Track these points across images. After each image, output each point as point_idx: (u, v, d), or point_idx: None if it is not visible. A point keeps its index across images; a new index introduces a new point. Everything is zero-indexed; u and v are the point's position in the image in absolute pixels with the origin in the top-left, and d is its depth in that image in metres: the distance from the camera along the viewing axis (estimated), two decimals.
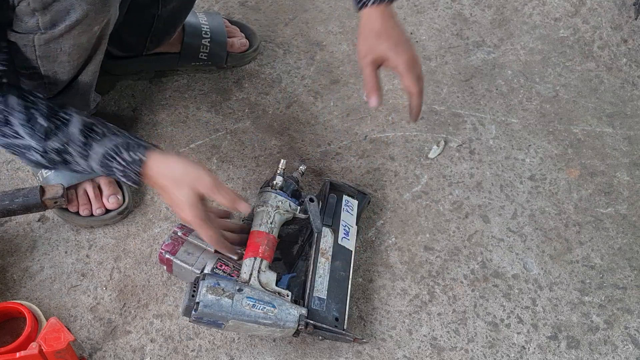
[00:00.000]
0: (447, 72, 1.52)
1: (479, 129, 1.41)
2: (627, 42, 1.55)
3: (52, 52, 1.01)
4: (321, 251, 1.10)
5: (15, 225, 1.23)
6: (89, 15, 0.97)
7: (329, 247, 1.11)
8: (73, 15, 0.95)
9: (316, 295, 1.05)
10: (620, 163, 1.35)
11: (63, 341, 0.98)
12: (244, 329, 1.00)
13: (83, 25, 0.98)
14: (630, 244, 1.23)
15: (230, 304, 0.97)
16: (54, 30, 0.97)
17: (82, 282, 1.17)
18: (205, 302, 0.97)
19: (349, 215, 1.17)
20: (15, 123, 0.94)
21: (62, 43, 1.00)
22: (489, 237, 1.24)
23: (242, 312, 0.98)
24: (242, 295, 0.99)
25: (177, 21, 1.38)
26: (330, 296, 1.06)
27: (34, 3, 0.94)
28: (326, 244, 1.11)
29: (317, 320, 1.02)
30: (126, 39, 1.35)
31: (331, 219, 1.14)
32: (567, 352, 1.10)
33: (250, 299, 0.99)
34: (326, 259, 1.09)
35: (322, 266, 1.08)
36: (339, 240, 1.13)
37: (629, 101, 1.47)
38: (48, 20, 0.96)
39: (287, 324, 0.99)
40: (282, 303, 1.00)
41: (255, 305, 0.98)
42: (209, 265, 1.08)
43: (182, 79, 1.48)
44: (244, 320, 0.98)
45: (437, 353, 1.09)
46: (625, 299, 1.16)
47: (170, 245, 1.11)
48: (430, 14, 1.65)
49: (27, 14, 0.95)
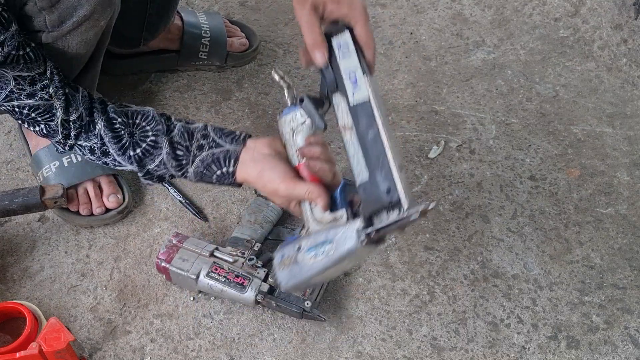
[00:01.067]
0: (447, 72, 1.52)
1: (479, 129, 1.41)
2: (627, 42, 1.55)
3: (59, 49, 1.01)
4: (342, 127, 0.93)
5: (15, 225, 1.23)
6: (96, 10, 0.96)
7: (346, 115, 0.93)
8: (80, 11, 0.95)
9: (360, 182, 0.90)
10: (620, 163, 1.35)
11: (63, 341, 0.98)
12: (332, 274, 0.95)
13: (91, 21, 0.98)
14: (630, 244, 1.23)
15: (299, 269, 0.92)
16: (62, 27, 0.97)
17: (82, 282, 1.16)
18: (282, 279, 0.94)
19: (347, 59, 0.95)
20: (113, 155, 1.02)
21: (70, 40, 1.00)
22: (489, 237, 1.24)
23: (311, 267, 0.92)
24: (302, 252, 0.93)
25: (170, 5, 1.37)
26: (372, 169, 0.89)
27: (41, 2, 0.93)
28: (343, 116, 0.93)
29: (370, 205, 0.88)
30: (122, 30, 1.35)
31: (334, 81, 0.94)
32: (567, 352, 1.10)
33: (309, 250, 0.92)
34: (350, 131, 0.92)
35: (350, 144, 0.92)
36: (351, 99, 0.93)
37: (629, 101, 1.47)
38: (55, 18, 0.96)
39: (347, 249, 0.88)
40: (336, 232, 0.90)
41: (316, 254, 0.91)
42: (204, 269, 1.09)
43: (182, 79, 1.48)
44: (320, 273, 0.92)
45: (437, 353, 1.09)
46: (625, 299, 1.16)
47: (165, 253, 1.11)
48: (430, 14, 1.65)
49: (34, 13, 0.95)
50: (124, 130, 1.00)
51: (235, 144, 0.99)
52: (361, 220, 0.88)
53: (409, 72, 1.52)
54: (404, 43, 1.58)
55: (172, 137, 1.00)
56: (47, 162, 1.22)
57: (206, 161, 0.99)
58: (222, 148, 0.99)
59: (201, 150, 0.99)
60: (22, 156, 1.32)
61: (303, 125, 0.97)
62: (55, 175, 1.21)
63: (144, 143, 1.00)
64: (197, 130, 1.01)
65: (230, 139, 1.00)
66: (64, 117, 0.99)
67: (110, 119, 1.01)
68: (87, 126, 1.01)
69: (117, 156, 1.01)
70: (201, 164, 0.99)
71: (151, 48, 1.43)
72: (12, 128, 1.36)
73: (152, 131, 1.00)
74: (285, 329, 1.11)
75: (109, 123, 1.00)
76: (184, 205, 1.26)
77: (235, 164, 0.98)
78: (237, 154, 0.98)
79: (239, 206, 1.27)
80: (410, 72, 1.52)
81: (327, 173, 0.94)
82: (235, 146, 0.99)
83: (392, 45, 1.58)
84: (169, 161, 1.00)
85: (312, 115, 0.96)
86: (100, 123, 1.00)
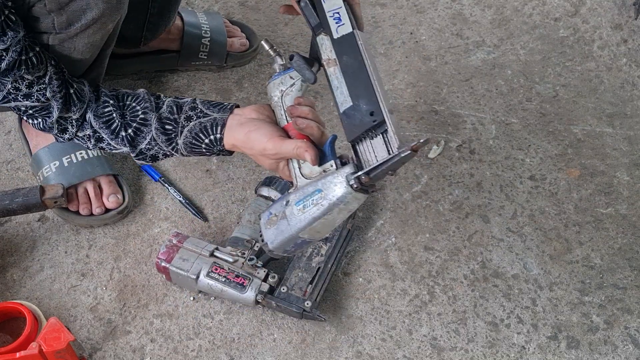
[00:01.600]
0: (447, 72, 1.52)
1: (479, 129, 1.41)
2: (627, 42, 1.55)
3: (66, 51, 1.01)
4: (326, 62, 0.94)
5: (15, 225, 1.23)
6: (104, 13, 0.96)
7: (330, 51, 0.94)
8: (89, 14, 0.95)
9: (343, 109, 0.90)
10: (620, 163, 1.35)
11: (63, 341, 0.98)
12: (321, 229, 0.92)
13: (98, 24, 0.98)
14: (630, 244, 1.23)
15: (287, 223, 0.92)
16: (69, 30, 0.97)
17: (82, 282, 1.16)
18: (269, 237, 0.94)
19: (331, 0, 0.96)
20: (106, 139, 1.03)
21: (76, 42, 1.00)
22: (489, 237, 1.24)
23: (300, 220, 0.90)
24: (290, 206, 0.91)
25: (172, 5, 1.37)
26: (355, 97, 0.89)
27: (50, 4, 0.93)
28: (327, 51, 0.94)
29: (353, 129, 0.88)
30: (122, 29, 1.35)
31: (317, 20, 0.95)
32: (567, 352, 1.10)
33: (297, 203, 0.90)
34: (334, 64, 0.93)
35: (334, 76, 0.93)
36: (335, 34, 0.94)
37: (629, 101, 1.47)
38: (64, 20, 0.96)
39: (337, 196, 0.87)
40: (326, 181, 0.88)
41: (305, 206, 0.90)
42: (204, 269, 1.09)
43: (182, 79, 1.48)
44: (308, 225, 0.90)
45: (437, 353, 1.09)
46: (625, 299, 1.16)
47: (165, 253, 1.11)
48: (430, 14, 1.65)
49: (43, 15, 0.95)
50: (115, 113, 1.02)
51: (223, 112, 1.01)
52: (351, 166, 0.87)
53: (409, 72, 1.52)
54: (404, 43, 1.58)
55: (161, 113, 1.02)
56: (47, 162, 1.22)
57: (194, 130, 1.01)
58: (210, 117, 1.01)
59: (189, 120, 1.01)
60: (22, 156, 1.33)
61: (292, 87, 0.98)
62: (55, 175, 1.21)
63: (135, 122, 1.02)
64: (185, 103, 1.03)
65: (218, 109, 1.02)
66: (61, 115, 1.01)
67: (102, 103, 1.03)
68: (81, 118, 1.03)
69: (111, 140, 1.03)
70: (189, 134, 1.01)
71: (151, 48, 1.43)
72: (12, 128, 1.36)
73: (142, 110, 1.02)
74: (285, 329, 1.11)
75: (100, 107, 1.02)
76: (184, 205, 1.26)
77: (222, 130, 1.00)
78: (224, 120, 1.00)
79: (239, 206, 1.27)
80: (410, 72, 1.52)
81: (315, 130, 0.94)
82: (223, 114, 1.01)
83: (392, 45, 1.58)
84: (158, 137, 1.02)
85: (302, 68, 0.96)
86: (89, 112, 1.02)
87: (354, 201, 0.88)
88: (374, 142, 0.88)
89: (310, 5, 0.96)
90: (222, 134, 1.00)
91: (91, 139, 1.04)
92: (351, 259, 1.20)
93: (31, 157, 1.27)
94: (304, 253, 1.14)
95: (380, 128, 0.87)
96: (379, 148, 0.88)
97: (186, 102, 1.03)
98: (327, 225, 0.91)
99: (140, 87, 1.45)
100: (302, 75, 0.96)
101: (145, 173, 1.30)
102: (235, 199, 1.28)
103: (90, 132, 1.03)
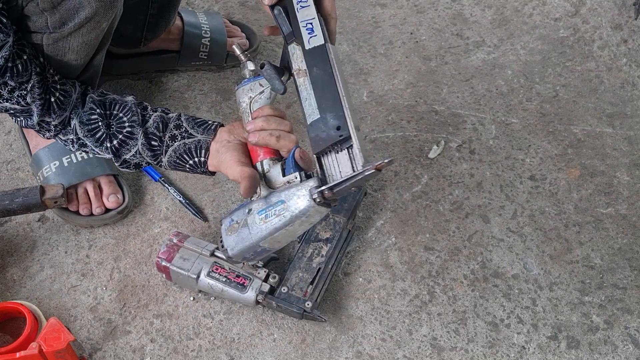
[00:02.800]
0: (447, 72, 1.52)
1: (479, 129, 1.41)
2: (627, 42, 1.55)
3: (60, 51, 1.01)
4: (296, 72, 0.94)
5: (15, 225, 1.23)
6: (98, 12, 0.96)
7: (300, 61, 0.94)
8: (82, 13, 0.95)
9: (310, 121, 0.90)
10: (620, 163, 1.35)
11: (63, 341, 0.98)
12: (282, 239, 0.93)
13: (92, 23, 0.98)
14: (630, 244, 1.23)
15: (248, 232, 0.92)
16: (63, 29, 0.97)
17: (82, 282, 1.16)
18: (230, 244, 0.95)
19: (305, 10, 0.96)
20: (90, 146, 1.05)
21: (71, 41, 1.00)
22: (489, 237, 1.24)
23: (261, 230, 0.91)
24: (252, 215, 0.92)
25: (172, 5, 1.37)
26: (323, 109, 0.90)
27: (42, 3, 0.93)
28: (298, 61, 0.94)
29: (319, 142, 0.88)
30: (122, 30, 1.35)
31: (290, 29, 0.96)
32: (567, 352, 1.10)
33: (260, 212, 0.92)
34: (304, 75, 0.93)
35: (303, 87, 0.93)
36: (307, 45, 0.94)
37: (629, 101, 1.47)
38: (57, 20, 0.96)
39: (299, 209, 0.88)
40: (289, 193, 0.89)
41: (267, 216, 0.91)
42: (205, 269, 1.09)
43: (182, 79, 1.48)
44: (269, 235, 0.91)
45: (437, 353, 1.09)
46: (625, 299, 1.16)
47: (166, 252, 1.11)
48: (430, 14, 1.65)
49: (36, 14, 0.95)
50: (101, 122, 1.03)
51: (207, 134, 1.03)
52: (314, 180, 0.88)
53: (409, 72, 1.52)
54: (404, 43, 1.58)
55: (147, 128, 1.03)
56: (47, 162, 1.22)
57: (179, 151, 1.03)
58: (194, 138, 1.02)
59: (174, 140, 1.03)
60: (22, 156, 1.33)
61: (261, 94, 0.99)
62: (55, 175, 1.21)
63: (121, 134, 1.03)
64: (171, 120, 1.04)
65: (202, 129, 1.03)
66: (42, 119, 1.03)
67: (88, 110, 1.04)
68: (64, 123, 1.04)
69: (95, 147, 1.05)
70: (174, 154, 1.03)
71: (151, 48, 1.43)
72: (12, 128, 1.36)
73: (129, 122, 1.03)
74: (285, 329, 1.11)
75: (86, 114, 1.04)
76: (184, 205, 1.26)
77: (206, 154, 1.02)
78: (207, 144, 1.02)
79: None
80: (410, 72, 1.52)
81: (271, 140, 0.95)
82: (207, 136, 1.02)
83: (392, 45, 1.58)
84: (144, 151, 1.04)
85: (272, 78, 0.96)
86: (75, 119, 1.03)
87: (316, 214, 0.89)
88: (339, 156, 0.90)
89: (284, 14, 0.97)
90: (206, 158, 1.02)
91: (75, 143, 1.06)
92: (351, 259, 1.20)
93: (31, 157, 1.27)
94: (305, 254, 1.14)
95: (346, 143, 0.89)
96: (344, 164, 0.89)
97: (172, 118, 1.04)
98: (287, 236, 0.93)
99: (140, 87, 1.45)
100: (271, 84, 0.97)
101: (145, 173, 1.30)
102: (235, 199, 1.28)
103: (74, 138, 1.05)
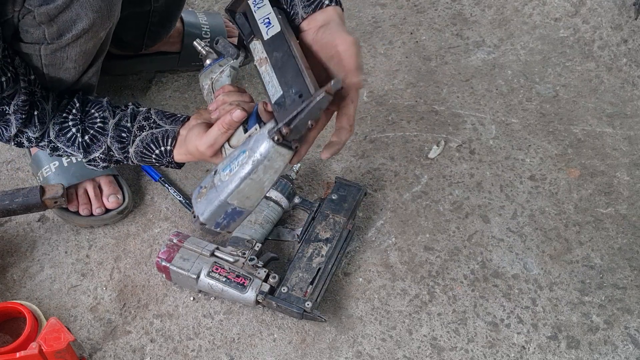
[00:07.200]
0: (447, 72, 1.52)
1: (479, 129, 1.41)
2: (627, 42, 1.55)
3: (58, 60, 1.01)
4: (257, 63, 0.96)
5: (15, 225, 1.23)
6: (95, 23, 0.96)
7: (261, 52, 0.95)
8: (79, 24, 0.95)
9: (274, 100, 0.90)
10: (620, 163, 1.35)
11: (63, 341, 0.98)
12: (250, 192, 0.91)
13: (90, 33, 0.98)
14: (630, 244, 1.23)
15: (215, 191, 0.91)
16: (61, 40, 0.97)
17: (82, 282, 1.17)
18: (199, 210, 0.94)
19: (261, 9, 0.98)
20: (62, 147, 1.08)
21: (69, 51, 1.00)
22: (489, 237, 1.24)
23: (227, 185, 0.90)
24: (218, 174, 0.92)
25: (172, 15, 1.37)
26: (285, 84, 0.90)
27: (39, 16, 0.93)
28: (258, 53, 0.96)
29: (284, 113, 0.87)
30: (123, 36, 1.35)
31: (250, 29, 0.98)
32: (567, 352, 1.10)
33: (224, 169, 0.91)
34: (265, 62, 0.94)
35: (265, 74, 0.94)
36: (265, 36, 0.96)
37: (629, 101, 1.47)
38: (54, 32, 0.96)
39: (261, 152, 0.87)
40: (250, 142, 0.89)
41: (231, 169, 0.90)
42: (205, 269, 1.09)
43: (182, 79, 1.48)
44: (236, 187, 0.89)
45: (437, 353, 1.09)
46: (625, 299, 1.16)
47: (166, 252, 1.11)
48: (430, 14, 1.65)
49: (33, 27, 0.95)
50: (72, 122, 1.06)
51: (174, 124, 1.04)
52: (272, 123, 0.87)
53: (409, 72, 1.52)
54: (404, 43, 1.58)
55: (118, 121, 1.05)
56: (47, 162, 1.22)
57: (145, 141, 1.04)
58: (162, 128, 1.04)
59: (142, 130, 1.04)
60: (22, 156, 1.33)
61: (222, 73, 1.03)
62: (55, 175, 1.21)
63: (92, 130, 1.06)
64: (140, 113, 1.06)
65: (170, 120, 1.05)
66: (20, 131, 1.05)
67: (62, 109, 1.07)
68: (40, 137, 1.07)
69: (67, 147, 1.07)
70: (141, 144, 1.04)
71: (152, 50, 1.43)
72: None
73: (100, 118, 1.06)
74: (285, 329, 1.11)
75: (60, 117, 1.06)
76: (184, 205, 1.26)
77: (172, 143, 1.03)
78: (175, 133, 1.03)
79: None
80: (410, 72, 1.52)
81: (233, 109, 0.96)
82: (174, 126, 1.03)
83: (392, 45, 1.58)
84: (112, 144, 1.05)
85: (226, 46, 1.03)
86: (52, 129, 1.07)
87: (278, 157, 0.87)
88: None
89: (244, 18, 1.00)
90: (172, 147, 1.03)
91: (46, 147, 1.09)
92: (351, 259, 1.20)
93: (31, 157, 1.27)
94: (305, 254, 1.14)
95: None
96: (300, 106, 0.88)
97: (141, 111, 1.06)
98: (254, 189, 0.90)
99: (140, 87, 1.45)
100: (226, 52, 1.02)
101: (145, 173, 1.30)
102: None
103: (46, 143, 1.08)
